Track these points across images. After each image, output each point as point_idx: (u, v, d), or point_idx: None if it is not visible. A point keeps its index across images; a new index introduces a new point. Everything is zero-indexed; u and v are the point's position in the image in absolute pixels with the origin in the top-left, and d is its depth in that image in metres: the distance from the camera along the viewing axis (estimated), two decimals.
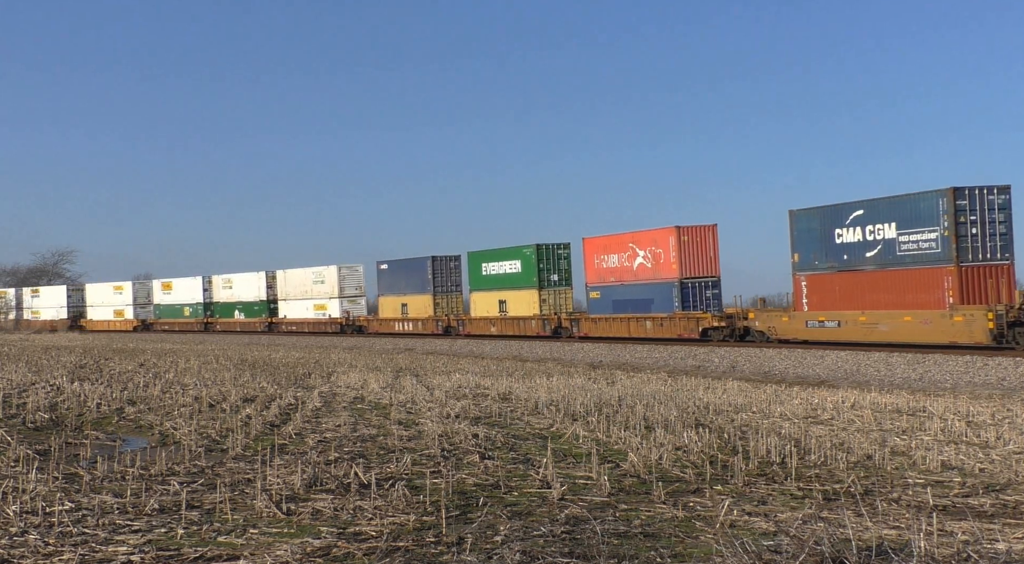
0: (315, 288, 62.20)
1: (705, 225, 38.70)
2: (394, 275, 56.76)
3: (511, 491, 8.08)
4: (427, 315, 52.72)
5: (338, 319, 59.46)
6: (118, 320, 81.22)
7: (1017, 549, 6.05)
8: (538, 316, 45.39)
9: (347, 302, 59.92)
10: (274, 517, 7.15)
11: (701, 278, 37.82)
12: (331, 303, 60.66)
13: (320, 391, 17.28)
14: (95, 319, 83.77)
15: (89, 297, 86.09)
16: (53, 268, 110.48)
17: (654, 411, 13.36)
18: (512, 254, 48.10)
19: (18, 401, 15.43)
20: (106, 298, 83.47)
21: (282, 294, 65.40)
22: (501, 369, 25.07)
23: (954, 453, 9.73)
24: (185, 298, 75.22)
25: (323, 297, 61.47)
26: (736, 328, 35.17)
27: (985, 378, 21.46)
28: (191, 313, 74.20)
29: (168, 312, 76.98)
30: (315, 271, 62.64)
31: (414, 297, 54.19)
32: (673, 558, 5.98)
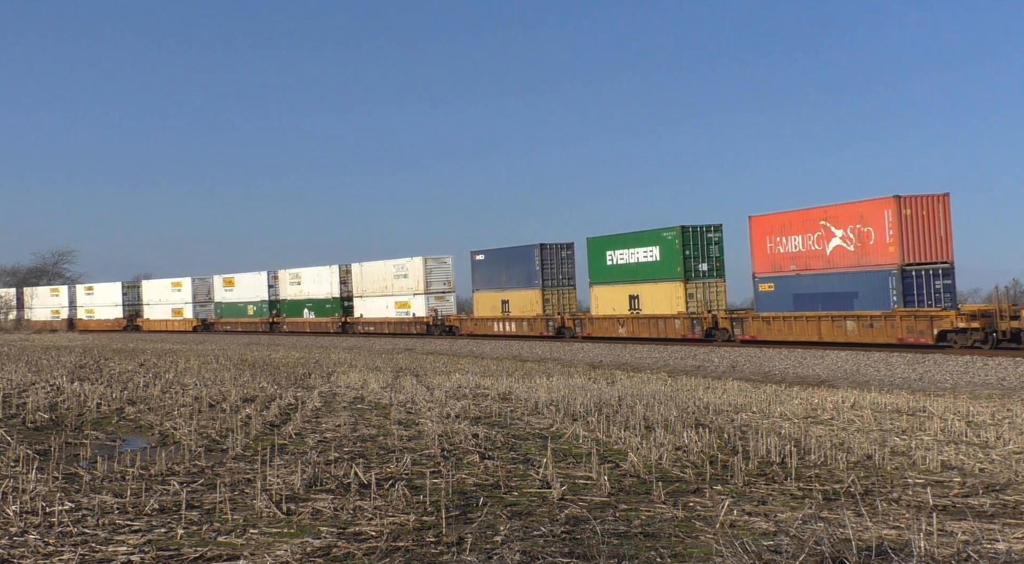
0: (396, 283, 54.98)
1: (933, 195, 29.74)
2: (492, 267, 48.98)
3: (511, 491, 8.08)
4: (534, 313, 45.49)
5: (424, 318, 52.26)
6: (176, 319, 75.21)
7: (1017, 549, 6.05)
8: (684, 315, 36.98)
9: (434, 299, 52.44)
10: (274, 517, 7.15)
11: (929, 265, 29.12)
12: (416, 300, 53.47)
13: (320, 391, 17.28)
14: (153, 318, 78.05)
15: (146, 294, 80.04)
16: (53, 268, 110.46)
17: (654, 411, 13.36)
18: (648, 239, 39.27)
19: (18, 401, 15.43)
20: (163, 295, 77.48)
21: (358, 290, 58.17)
22: (501, 369, 25.07)
23: (954, 453, 9.73)
24: (248, 295, 68.62)
25: (406, 293, 54.34)
26: (998, 330, 26.40)
27: (985, 378, 21.46)
28: (255, 312, 67.57)
29: (230, 311, 70.37)
30: (396, 264, 55.20)
31: (518, 292, 46.77)
32: (673, 558, 5.98)
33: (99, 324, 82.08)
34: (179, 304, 75.63)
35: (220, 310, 71.88)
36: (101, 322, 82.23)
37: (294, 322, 63.84)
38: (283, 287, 65.74)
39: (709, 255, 37.59)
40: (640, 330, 39.32)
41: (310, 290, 62.96)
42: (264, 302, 67.12)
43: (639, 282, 39.78)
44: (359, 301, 58.45)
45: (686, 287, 37.33)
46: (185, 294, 75.20)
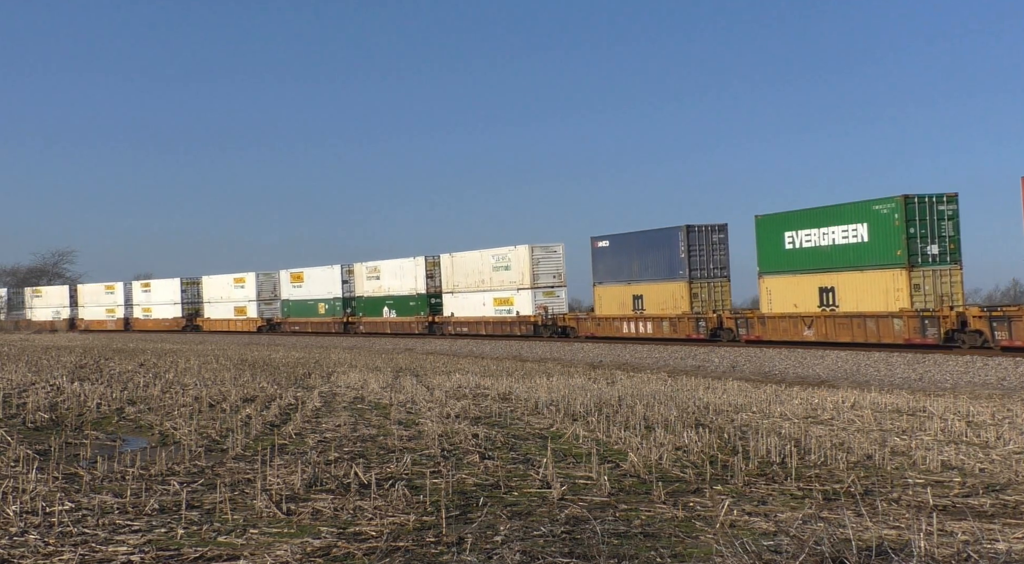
0: (496, 276, 47.27)
1: None
2: (620, 255, 40.86)
3: (511, 491, 8.08)
4: (678, 312, 37.17)
5: (530, 317, 44.64)
6: (239, 319, 68.14)
7: (1017, 549, 6.05)
8: (910, 313, 28.50)
9: (542, 295, 44.75)
10: (274, 517, 7.15)
11: None
12: (520, 296, 45.69)
13: (320, 391, 17.29)
14: (214, 317, 71.16)
15: (206, 291, 72.75)
16: (53, 268, 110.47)
17: (654, 411, 13.36)
18: (851, 213, 30.87)
19: (18, 401, 15.43)
20: (225, 292, 70.27)
21: (448, 285, 50.59)
22: (501, 369, 25.08)
23: (954, 453, 9.73)
24: (319, 292, 61.20)
25: (507, 288, 46.63)
26: None
27: (985, 378, 21.46)
28: (327, 310, 60.41)
29: (299, 309, 63.31)
30: (496, 254, 47.56)
31: (656, 285, 38.61)
32: (673, 558, 5.98)
33: (156, 324, 75.63)
34: (242, 302, 68.60)
35: (288, 309, 64.59)
36: (159, 322, 75.53)
37: (372, 322, 56.40)
38: (359, 282, 58.16)
39: (941, 234, 29.09)
40: (838, 333, 30.79)
41: (391, 285, 55.42)
42: (337, 300, 59.55)
43: (835, 270, 31.11)
44: (449, 298, 50.91)
45: (910, 276, 28.78)
46: (248, 291, 67.98)
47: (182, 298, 74.21)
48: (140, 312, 78.81)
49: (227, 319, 69.56)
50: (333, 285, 60.08)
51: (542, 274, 45.46)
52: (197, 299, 74.06)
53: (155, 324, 76.23)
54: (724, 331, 35.51)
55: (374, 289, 57.14)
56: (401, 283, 54.80)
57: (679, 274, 37.56)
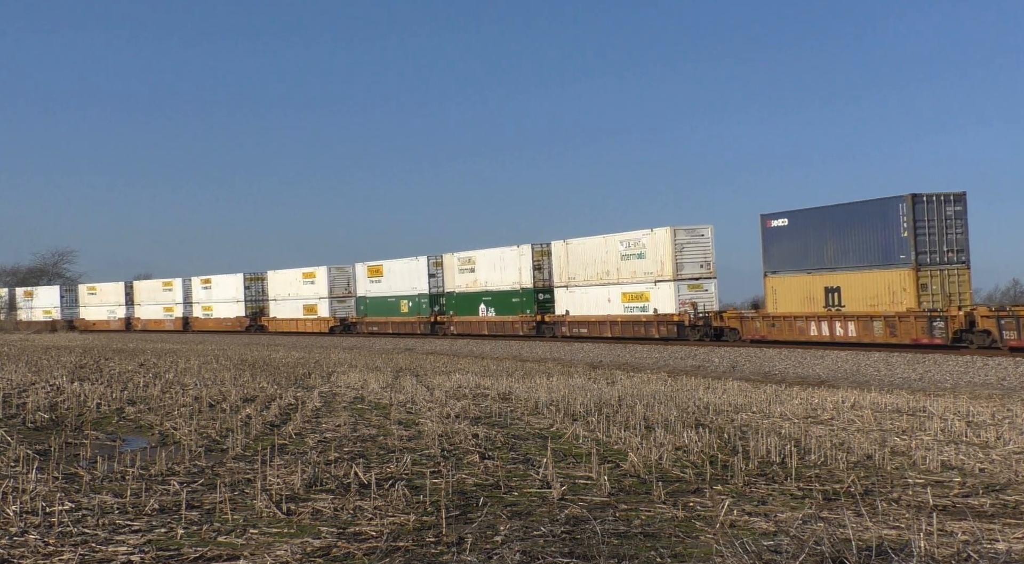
0: (625, 266, 38.94)
1: None
2: (806, 236, 32.20)
3: (511, 491, 8.08)
4: (899, 308, 28.48)
5: (673, 316, 36.41)
6: (309, 318, 60.98)
7: (1017, 549, 6.05)
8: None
9: (687, 288, 36.62)
10: (274, 517, 7.15)
11: None
12: (658, 290, 37.22)
13: (320, 391, 17.29)
14: (280, 317, 63.71)
15: (272, 287, 65.26)
16: (53, 268, 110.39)
17: (654, 411, 13.36)
18: None
19: (18, 401, 15.43)
20: (292, 288, 62.83)
21: (561, 277, 42.84)
22: (501, 369, 25.08)
23: (954, 453, 9.73)
24: (401, 287, 53.41)
25: (640, 280, 38.24)
26: None
27: (985, 378, 21.46)
28: (411, 308, 52.49)
29: (377, 307, 55.41)
30: (626, 239, 39.19)
31: (862, 274, 29.93)
32: (673, 558, 5.98)
33: (217, 324, 68.56)
34: (312, 299, 61.11)
35: (365, 306, 56.66)
36: (220, 322, 68.44)
37: (466, 322, 48.49)
38: (449, 275, 50.12)
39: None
40: None
41: (488, 279, 47.03)
42: (423, 296, 51.71)
43: None
44: (563, 293, 42.67)
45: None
46: (319, 286, 60.37)
47: (245, 295, 66.64)
48: (200, 311, 71.19)
49: (295, 319, 62.18)
50: (418, 279, 52.05)
51: (686, 262, 36.82)
52: (261, 296, 66.69)
53: (216, 324, 68.96)
54: (977, 334, 26.64)
55: (468, 283, 48.63)
56: (502, 276, 46.12)
57: (900, 259, 28.65)
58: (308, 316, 61.09)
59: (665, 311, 36.94)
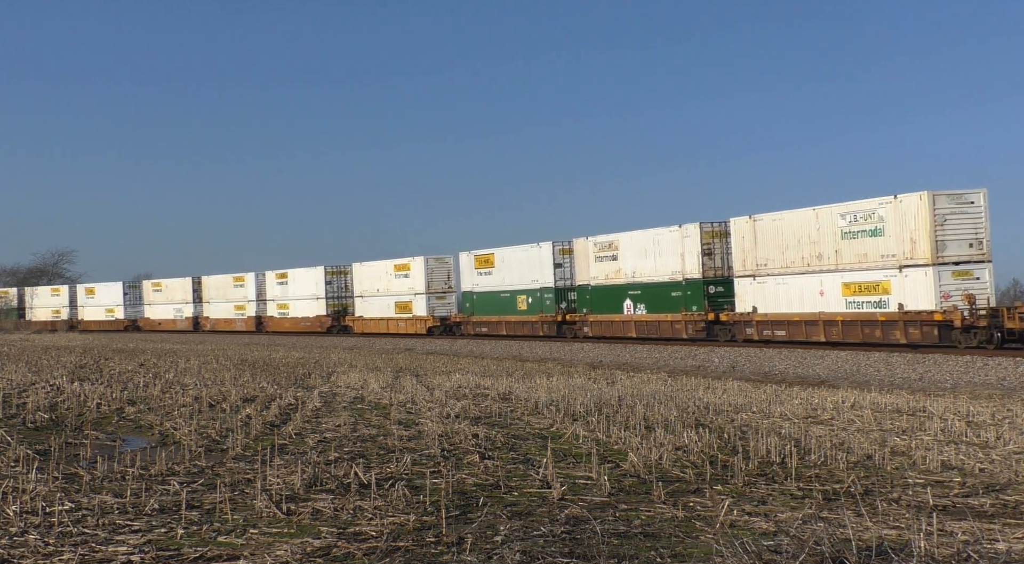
0: (849, 249, 29.82)
1: None
2: None
3: (511, 491, 8.08)
4: None
5: (929, 314, 27.39)
6: (403, 317, 52.55)
7: (1017, 549, 6.05)
8: None
9: (951, 276, 27.38)
10: (274, 517, 7.15)
11: None
12: (905, 279, 28.16)
13: (320, 391, 17.29)
14: (368, 316, 55.81)
15: (358, 282, 57.17)
16: (53, 268, 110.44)
17: (654, 411, 13.36)
18: None
19: (18, 401, 15.43)
20: (382, 283, 54.82)
21: (743, 264, 33.21)
22: (501, 369, 25.08)
23: (954, 453, 9.73)
24: (517, 280, 45.22)
25: (874, 266, 29.16)
26: None
27: (985, 378, 21.46)
28: (530, 305, 44.39)
29: (488, 304, 47.33)
30: (852, 210, 29.64)
31: None
32: (673, 558, 5.98)
33: (294, 324, 61.49)
34: (405, 295, 52.90)
35: (471, 303, 48.65)
36: (297, 322, 61.31)
37: (605, 322, 39.87)
38: (581, 265, 41.50)
39: None
40: None
41: (637, 268, 38.39)
42: (546, 290, 43.51)
43: None
44: (749, 285, 33.25)
45: None
46: (413, 280, 52.39)
47: (326, 292, 58.98)
48: (274, 309, 64.07)
49: (384, 318, 54.15)
50: (539, 270, 43.89)
51: (949, 240, 27.42)
52: (345, 292, 58.88)
53: (292, 324, 61.91)
54: None
55: (608, 274, 39.87)
56: (655, 264, 37.29)
57: None
58: (401, 315, 52.76)
59: (917, 307, 27.71)
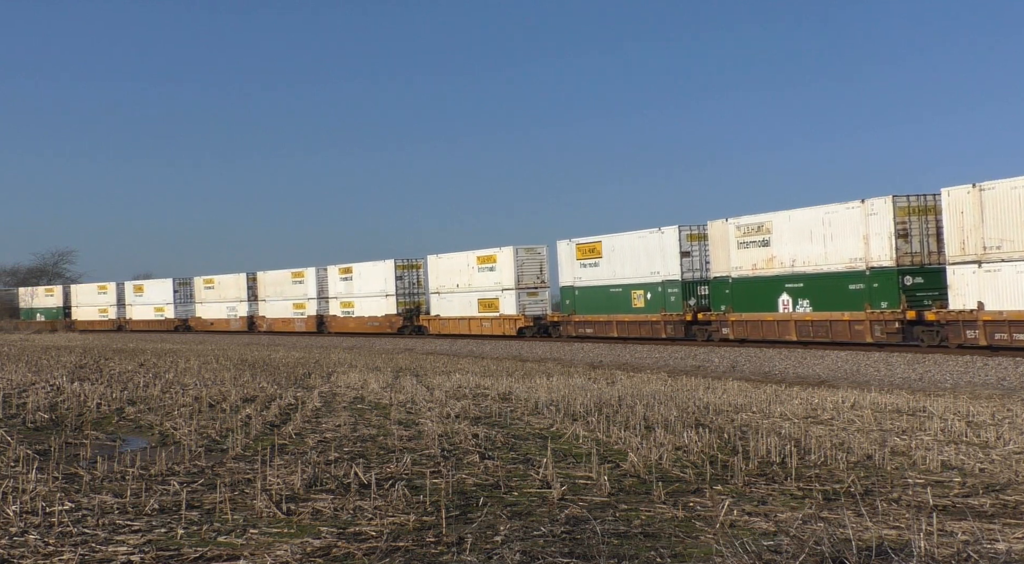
0: None
1: None
2: None
3: (511, 491, 8.08)
4: None
5: None
6: (489, 317, 45.67)
7: (1017, 549, 6.05)
8: None
9: None
10: (274, 517, 7.15)
11: None
12: None
13: (320, 391, 17.28)
14: (446, 316, 48.82)
15: (433, 277, 50.10)
16: (53, 268, 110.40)
17: (654, 411, 13.36)
18: None
19: (18, 401, 15.43)
20: (462, 277, 47.90)
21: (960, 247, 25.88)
22: (501, 369, 25.08)
23: (954, 453, 9.73)
24: (630, 272, 37.51)
25: None
26: None
27: (985, 378, 21.46)
28: (649, 302, 36.63)
29: (593, 300, 39.49)
30: None
31: None
32: (673, 558, 5.98)
33: (360, 324, 54.51)
34: (491, 291, 45.93)
35: (572, 300, 40.84)
36: (363, 322, 54.22)
37: (752, 322, 32.57)
38: (717, 253, 34.32)
39: None
40: None
41: (796, 255, 31.20)
42: (670, 284, 35.57)
43: None
44: (968, 272, 25.79)
45: None
46: (502, 274, 45.10)
47: (396, 288, 52.19)
48: (337, 308, 57.22)
49: (467, 317, 47.15)
50: (662, 259, 36.00)
51: None
52: (417, 289, 52.31)
53: (358, 324, 54.63)
54: None
55: (756, 263, 32.66)
56: (826, 249, 30.07)
57: None
58: (486, 314, 45.85)
59: None
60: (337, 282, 57.59)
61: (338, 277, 57.49)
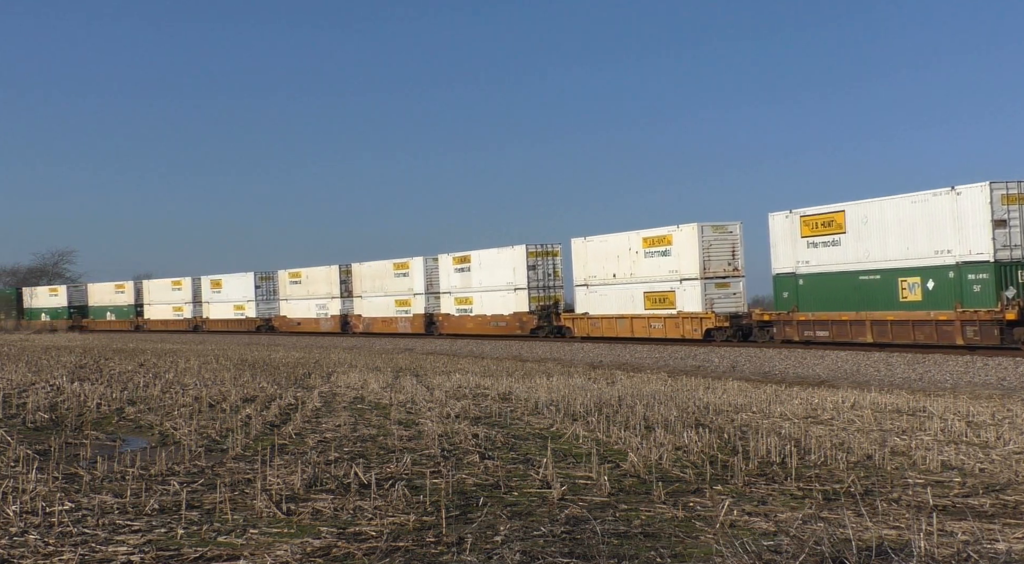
0: None
1: None
2: None
3: (511, 491, 8.08)
4: None
5: None
6: (661, 315, 36.34)
7: (1017, 549, 6.05)
8: None
9: None
10: (274, 517, 7.15)
11: None
12: None
13: (320, 391, 17.29)
14: (598, 314, 39.44)
15: (579, 266, 40.81)
16: (53, 268, 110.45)
17: (654, 411, 13.37)
18: None
19: (18, 401, 15.43)
20: (620, 265, 38.42)
21: None
22: (501, 369, 25.08)
23: (954, 453, 9.73)
24: (896, 252, 27.93)
25: None
26: None
27: (985, 378, 21.46)
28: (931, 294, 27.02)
29: (827, 292, 30.20)
30: None
31: None
32: (673, 558, 5.98)
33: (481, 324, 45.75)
34: (662, 281, 36.52)
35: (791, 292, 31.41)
36: (484, 321, 45.67)
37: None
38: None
39: None
40: None
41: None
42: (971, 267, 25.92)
43: None
44: None
45: None
46: (680, 259, 35.67)
47: (528, 279, 43.35)
48: (451, 305, 47.98)
49: (628, 316, 37.66)
50: (955, 231, 26.28)
51: None
52: (553, 280, 43.68)
53: (478, 324, 46.19)
54: None
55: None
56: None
57: None
58: (656, 311, 36.37)
59: None
60: (451, 274, 47.83)
61: (452, 268, 47.78)
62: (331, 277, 57.63)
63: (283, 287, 62.56)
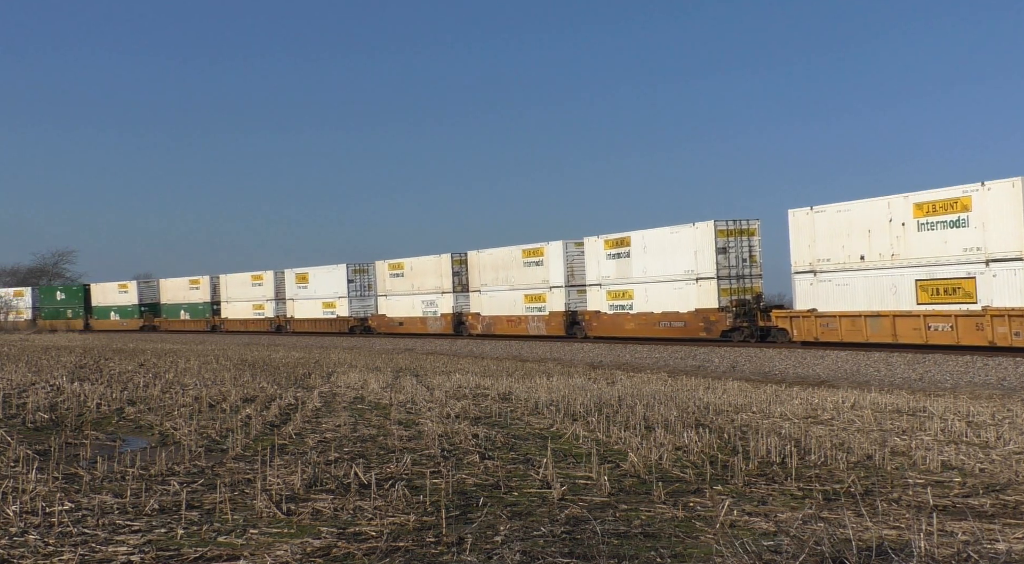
0: None
1: None
2: None
3: (511, 491, 8.08)
4: None
5: None
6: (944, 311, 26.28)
7: (1017, 549, 6.05)
8: None
9: None
10: (274, 517, 7.15)
11: None
12: None
13: (320, 391, 17.29)
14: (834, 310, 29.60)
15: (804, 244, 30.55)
16: (53, 268, 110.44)
17: (654, 411, 13.36)
18: None
19: (18, 401, 15.43)
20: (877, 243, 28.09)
21: None
22: (501, 369, 25.08)
23: (954, 453, 9.73)
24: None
25: None
26: None
27: (985, 378, 21.46)
28: None
29: None
30: None
31: None
32: (673, 558, 5.98)
33: (643, 324, 37.08)
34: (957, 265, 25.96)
35: None
36: (648, 321, 36.82)
37: None
38: None
39: None
40: None
41: None
42: None
43: None
44: None
45: None
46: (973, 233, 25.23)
47: (717, 267, 33.90)
48: (603, 300, 39.06)
49: (889, 313, 28.04)
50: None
51: None
52: (750, 265, 34.10)
53: (640, 324, 37.22)
54: None
55: None
56: None
57: None
58: (938, 305, 26.70)
59: None
60: (601, 261, 38.72)
61: (603, 254, 38.62)
62: (441, 268, 48.50)
63: (381, 281, 53.42)
